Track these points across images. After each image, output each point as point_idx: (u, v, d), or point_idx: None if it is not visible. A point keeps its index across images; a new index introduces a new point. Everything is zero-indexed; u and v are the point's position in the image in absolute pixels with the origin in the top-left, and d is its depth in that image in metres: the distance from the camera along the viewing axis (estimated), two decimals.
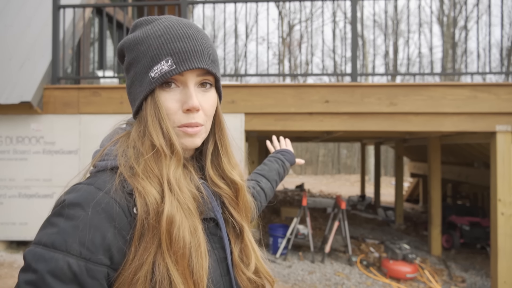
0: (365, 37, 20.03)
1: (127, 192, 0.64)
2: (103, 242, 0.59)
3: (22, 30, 5.07)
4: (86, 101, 4.32)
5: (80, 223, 0.58)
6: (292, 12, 21.35)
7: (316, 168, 28.10)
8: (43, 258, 0.56)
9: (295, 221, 5.24)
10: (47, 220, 0.62)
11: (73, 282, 0.56)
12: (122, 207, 0.62)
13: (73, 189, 0.64)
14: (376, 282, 4.37)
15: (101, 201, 0.61)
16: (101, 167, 0.68)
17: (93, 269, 0.57)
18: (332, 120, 4.15)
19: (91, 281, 0.57)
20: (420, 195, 11.10)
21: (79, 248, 0.57)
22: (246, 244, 0.78)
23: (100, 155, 0.70)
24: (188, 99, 0.68)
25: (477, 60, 4.44)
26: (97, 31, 6.53)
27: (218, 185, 0.77)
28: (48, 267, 0.55)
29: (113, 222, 0.60)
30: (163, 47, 0.68)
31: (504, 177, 3.90)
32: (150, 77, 0.68)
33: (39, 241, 0.59)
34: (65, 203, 0.61)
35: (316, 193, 13.37)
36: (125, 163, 0.66)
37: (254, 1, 4.41)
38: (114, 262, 0.60)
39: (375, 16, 19.79)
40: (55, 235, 0.58)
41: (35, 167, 4.32)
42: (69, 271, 0.56)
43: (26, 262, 0.57)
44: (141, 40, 0.70)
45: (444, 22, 17.86)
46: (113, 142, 0.72)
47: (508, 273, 3.86)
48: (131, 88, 0.74)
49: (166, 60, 0.67)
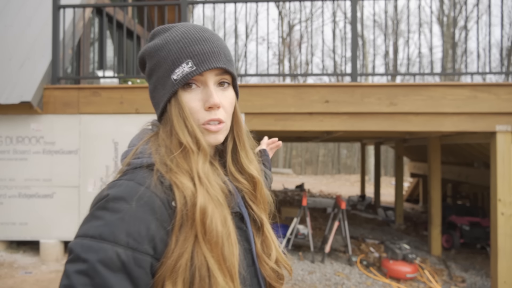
0: (365, 37, 20.03)
1: (165, 187, 0.68)
2: (147, 233, 0.62)
3: (22, 30, 5.07)
4: (86, 101, 4.32)
5: (125, 216, 0.62)
6: (292, 12, 21.36)
7: (316, 168, 28.10)
8: (92, 248, 0.59)
9: (295, 221, 5.24)
10: (90, 214, 0.64)
11: (121, 271, 0.59)
12: (162, 201, 0.66)
13: (114, 185, 0.67)
14: (376, 282, 4.37)
15: (143, 195, 0.64)
16: (136, 164, 0.72)
17: (139, 258, 0.61)
18: (332, 120, 4.15)
19: (137, 270, 0.60)
20: (420, 195, 11.10)
21: (126, 238, 0.60)
22: (266, 236, 0.83)
23: (134, 153, 0.74)
24: (209, 97, 0.73)
25: (477, 60, 4.44)
26: (97, 31, 6.53)
27: (238, 180, 0.82)
28: (98, 257, 0.58)
29: (156, 215, 0.64)
30: (183, 50, 0.73)
31: (504, 177, 3.90)
32: (173, 80, 0.73)
33: (85, 234, 0.61)
34: (109, 197, 0.64)
35: (316, 193, 13.37)
36: (160, 160, 0.71)
37: (254, 1, 4.41)
38: (157, 252, 0.64)
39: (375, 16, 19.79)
40: (102, 227, 0.61)
41: (35, 167, 4.32)
42: (118, 260, 0.59)
43: (74, 253, 0.60)
44: (161, 47, 0.75)
45: (444, 22, 17.87)
46: (145, 141, 0.75)
47: (508, 273, 3.86)
48: (154, 92, 0.78)
49: (187, 62, 0.72)
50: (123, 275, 0.59)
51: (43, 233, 4.26)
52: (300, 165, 27.94)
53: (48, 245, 4.18)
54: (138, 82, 4.83)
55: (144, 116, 4.23)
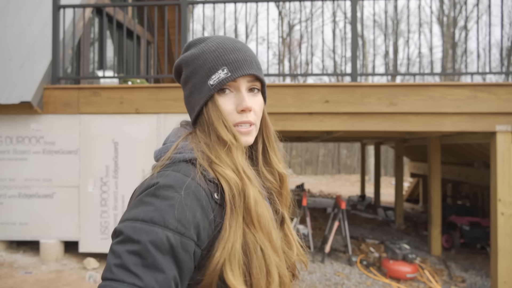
0: (365, 37, 20.03)
1: (208, 180, 0.74)
2: (194, 220, 0.67)
3: (22, 30, 5.07)
4: (86, 101, 4.32)
5: (174, 202, 0.66)
6: (292, 12, 21.35)
7: (316, 168, 28.09)
8: (144, 230, 0.63)
9: (295, 221, 5.24)
10: (139, 200, 0.68)
11: (169, 254, 0.63)
12: (206, 192, 0.72)
13: (162, 174, 0.72)
14: (376, 282, 4.37)
15: (190, 185, 0.70)
16: (178, 159, 0.77)
17: (186, 243, 0.65)
18: (332, 120, 4.15)
19: (183, 254, 0.64)
20: (420, 195, 11.09)
21: (175, 223, 0.64)
22: (286, 231, 0.90)
23: (175, 148, 0.79)
24: (242, 101, 0.81)
25: (477, 60, 4.44)
26: (97, 31, 6.53)
27: (269, 180, 0.88)
28: (150, 238, 0.62)
29: (201, 204, 0.70)
30: (219, 59, 0.80)
31: (504, 177, 3.89)
32: (209, 85, 0.80)
33: (135, 217, 0.65)
34: (159, 185, 0.69)
35: (316, 193, 13.37)
36: (202, 156, 0.77)
37: (254, 1, 4.41)
38: (200, 239, 0.68)
39: (375, 16, 19.79)
40: (153, 212, 0.65)
41: (35, 167, 4.32)
42: (168, 243, 0.63)
43: (124, 234, 0.63)
44: (198, 56, 0.82)
45: (444, 22, 17.86)
46: (184, 138, 0.82)
47: (508, 273, 3.86)
48: (190, 97, 0.85)
49: (222, 69, 0.80)
50: (170, 257, 0.62)
51: (43, 233, 4.26)
52: (300, 165, 27.93)
53: (48, 245, 4.18)
54: (138, 82, 4.83)
55: (144, 116, 4.23)
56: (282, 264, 0.76)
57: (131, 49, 7.31)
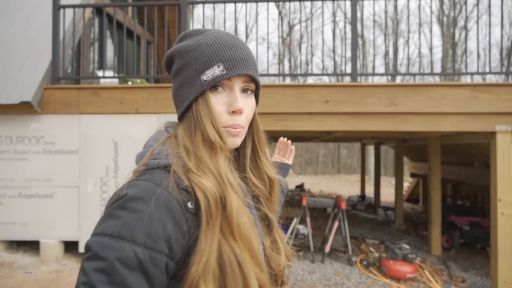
0: (365, 37, 20.03)
1: (181, 188, 0.69)
2: (164, 232, 0.64)
3: (22, 30, 5.07)
4: (86, 101, 4.32)
5: (143, 215, 0.63)
6: (292, 12, 21.36)
7: (316, 168, 28.09)
8: (110, 247, 0.60)
9: (295, 221, 5.24)
10: (108, 213, 0.65)
11: (138, 270, 0.60)
12: (178, 202, 0.68)
13: (132, 185, 0.68)
14: (376, 282, 4.37)
15: (161, 196, 0.66)
16: (153, 165, 0.73)
17: (156, 257, 0.62)
18: (332, 120, 4.15)
19: (153, 269, 0.62)
20: (420, 195, 11.10)
21: (144, 238, 0.62)
22: (275, 236, 0.86)
23: (151, 154, 0.75)
24: (234, 102, 0.76)
25: (477, 60, 4.44)
26: (97, 31, 6.53)
27: (256, 185, 0.84)
28: (117, 255, 0.60)
29: (172, 215, 0.66)
30: (215, 54, 0.76)
31: (504, 177, 3.89)
32: (202, 80, 0.75)
33: (103, 232, 0.62)
34: (127, 197, 0.65)
35: (316, 193, 13.37)
36: (177, 162, 0.72)
37: (254, 1, 4.41)
38: (172, 252, 0.65)
39: (375, 16, 19.79)
40: (120, 226, 0.62)
41: (35, 167, 4.32)
42: (136, 259, 0.60)
43: (92, 251, 0.61)
44: (193, 48, 0.77)
45: (444, 22, 17.86)
46: (161, 143, 0.77)
47: (508, 273, 3.86)
48: (179, 90, 0.80)
49: (218, 66, 0.75)
50: (139, 273, 0.60)
51: (43, 233, 4.26)
52: (300, 165, 27.93)
53: (48, 245, 4.18)
54: (138, 82, 4.83)
55: (144, 116, 4.23)
56: (263, 275, 0.71)
57: (131, 49, 7.31)
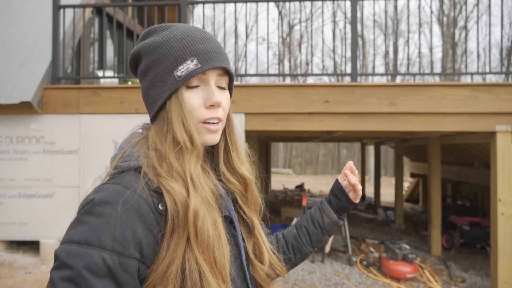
0: (365, 37, 20.02)
1: (152, 190, 0.67)
2: (134, 237, 0.61)
3: (22, 30, 5.07)
4: (86, 101, 4.32)
5: (111, 220, 0.61)
6: (292, 12, 21.36)
7: (316, 168, 28.10)
8: (77, 254, 0.58)
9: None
10: (76, 219, 0.64)
11: (107, 276, 0.58)
12: (149, 204, 0.65)
13: (100, 189, 0.66)
14: (376, 282, 4.37)
15: (129, 199, 0.64)
16: (124, 167, 0.71)
17: (125, 262, 0.60)
18: (332, 120, 4.15)
19: (124, 275, 0.59)
20: (420, 195, 11.09)
21: (112, 243, 0.59)
22: (257, 238, 0.82)
23: (121, 156, 0.73)
24: (211, 96, 0.73)
25: (477, 60, 4.44)
26: (97, 31, 6.53)
27: (230, 181, 0.81)
28: (84, 263, 0.57)
29: (142, 218, 0.63)
30: (187, 48, 0.72)
31: (504, 177, 3.89)
32: (176, 76, 0.72)
33: (71, 240, 0.60)
34: (94, 202, 0.63)
35: (316, 193, 13.37)
36: (148, 163, 0.70)
37: (254, 1, 4.41)
38: (144, 256, 0.63)
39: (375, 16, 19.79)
40: (87, 232, 0.60)
41: (35, 167, 4.32)
42: (104, 266, 0.58)
43: (59, 260, 0.59)
44: (162, 43, 0.74)
45: (444, 22, 17.86)
46: (133, 145, 0.75)
47: (508, 273, 3.86)
48: (150, 89, 0.76)
49: (191, 60, 0.72)
50: (109, 280, 0.58)
51: (43, 233, 4.26)
52: (300, 165, 27.93)
53: (48, 245, 4.18)
54: (138, 82, 4.83)
55: (144, 116, 4.21)
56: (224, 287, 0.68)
57: (131, 49, 7.30)
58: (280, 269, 0.85)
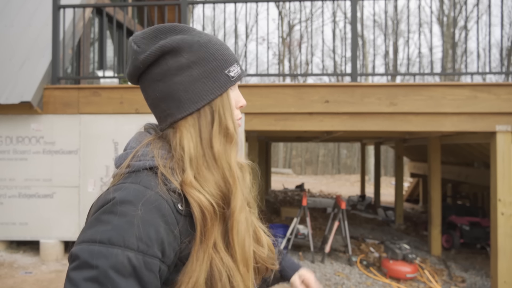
0: (365, 37, 20.02)
1: (171, 190, 0.68)
2: (157, 236, 0.62)
3: (22, 30, 5.07)
4: (86, 101, 4.32)
5: (134, 219, 0.61)
6: (292, 12, 21.36)
7: (316, 168, 28.10)
8: (102, 254, 0.58)
9: (295, 221, 5.24)
10: (95, 218, 0.63)
11: (132, 276, 0.58)
12: (169, 204, 0.66)
13: (119, 188, 0.66)
14: (376, 282, 4.37)
15: (151, 198, 0.64)
16: (138, 167, 0.70)
17: (150, 262, 0.60)
18: (332, 120, 4.15)
19: (148, 274, 0.60)
20: (420, 195, 11.10)
21: (136, 242, 0.59)
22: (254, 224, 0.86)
23: (134, 155, 0.72)
24: (240, 98, 0.82)
25: (477, 60, 4.44)
26: (97, 31, 6.53)
27: None
28: (110, 263, 0.57)
29: (164, 218, 0.64)
30: (230, 53, 0.78)
31: (504, 177, 3.89)
32: (229, 76, 0.77)
33: (92, 239, 0.60)
34: (115, 201, 0.63)
35: (316, 193, 13.37)
36: (164, 163, 0.71)
37: (254, 1, 4.41)
38: (165, 256, 0.63)
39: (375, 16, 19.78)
40: (110, 231, 0.60)
41: (35, 167, 4.32)
42: (130, 265, 0.58)
43: (81, 260, 0.58)
44: (206, 44, 0.76)
45: (444, 22, 17.86)
46: (145, 144, 0.74)
47: (508, 273, 3.86)
48: (195, 84, 0.74)
49: (237, 64, 0.79)
50: (134, 280, 0.58)
51: (43, 233, 4.26)
52: (300, 165, 27.93)
53: (48, 245, 4.18)
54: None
55: (144, 116, 4.23)
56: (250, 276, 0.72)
57: None
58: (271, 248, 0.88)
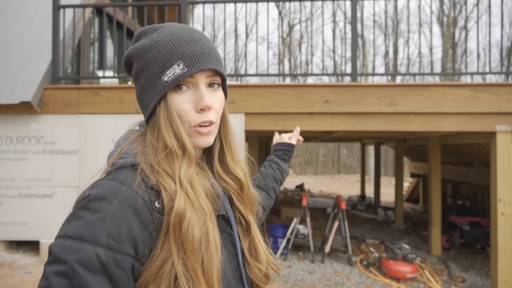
0: (365, 37, 20.02)
1: (149, 187, 0.67)
2: (129, 233, 0.61)
3: (22, 30, 5.07)
4: (86, 101, 4.32)
5: (106, 216, 0.61)
6: (292, 12, 21.35)
7: (316, 168, 28.10)
8: (71, 249, 0.58)
9: (295, 221, 5.24)
10: (71, 214, 0.63)
11: (101, 272, 0.58)
12: (145, 201, 0.65)
13: (96, 184, 0.67)
14: (376, 282, 4.37)
15: (125, 195, 0.63)
16: (121, 164, 0.71)
17: (119, 259, 0.59)
18: (332, 120, 4.15)
19: (117, 271, 0.59)
20: (420, 195, 11.10)
21: (106, 239, 0.59)
22: (253, 237, 0.82)
23: (119, 153, 0.73)
24: (200, 99, 0.72)
25: (477, 60, 4.44)
26: (97, 31, 6.53)
27: (225, 181, 0.81)
28: (77, 257, 0.57)
29: (138, 215, 0.63)
30: (173, 52, 0.72)
31: (504, 177, 3.89)
32: (164, 81, 0.71)
33: (65, 234, 0.60)
34: (90, 197, 0.63)
35: (316, 193, 13.37)
36: (145, 160, 0.70)
37: (254, 1, 4.41)
38: (139, 254, 0.62)
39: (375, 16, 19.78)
40: (82, 227, 0.60)
41: (35, 167, 4.32)
42: (98, 261, 0.58)
43: (53, 254, 0.59)
44: (150, 47, 0.73)
45: (444, 22, 17.86)
46: (130, 142, 0.75)
47: (508, 273, 3.86)
48: (142, 94, 0.76)
49: (178, 64, 0.71)
50: (102, 276, 0.58)
51: (43, 233, 4.26)
52: (300, 165, 27.93)
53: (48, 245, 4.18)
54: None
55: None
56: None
57: None
58: (276, 268, 0.85)
